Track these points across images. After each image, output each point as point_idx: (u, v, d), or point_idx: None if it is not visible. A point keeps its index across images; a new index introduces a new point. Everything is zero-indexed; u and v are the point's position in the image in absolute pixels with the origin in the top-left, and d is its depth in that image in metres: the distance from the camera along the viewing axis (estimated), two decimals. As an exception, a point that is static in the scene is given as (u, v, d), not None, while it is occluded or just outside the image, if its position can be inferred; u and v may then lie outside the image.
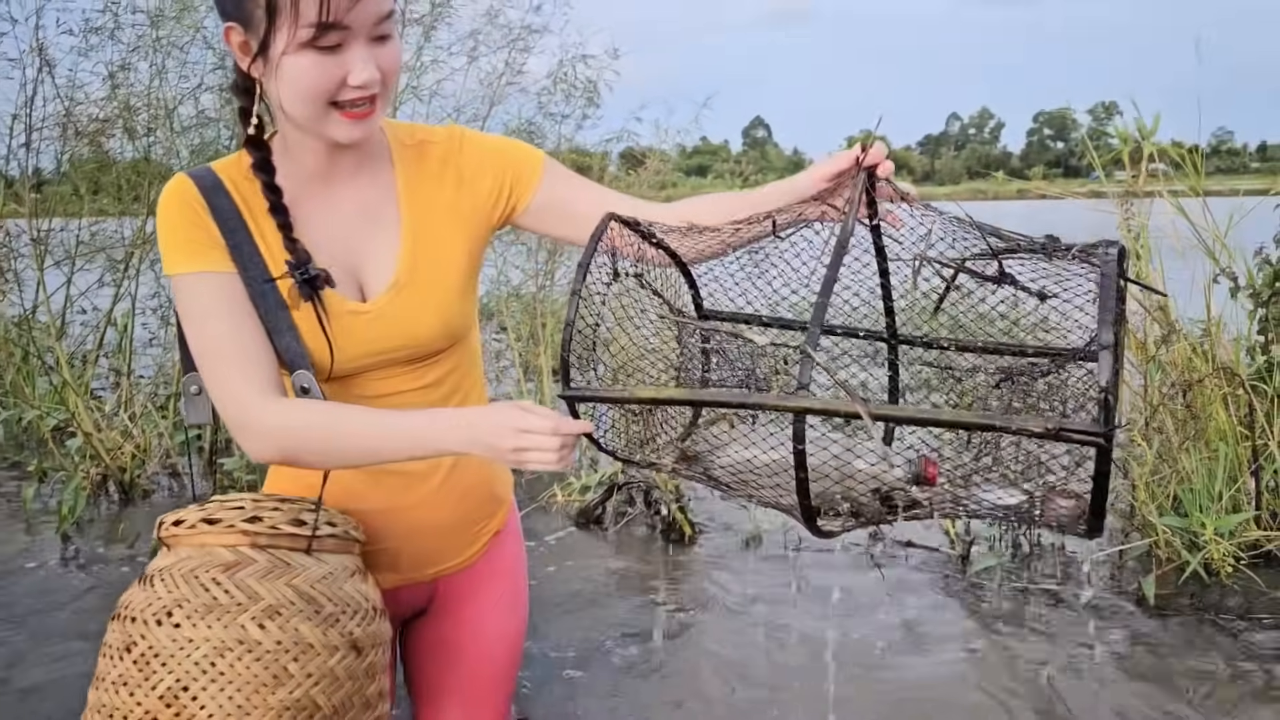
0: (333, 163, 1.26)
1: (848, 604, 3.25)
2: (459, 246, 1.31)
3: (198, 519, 1.17)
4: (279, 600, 1.13)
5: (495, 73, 5.64)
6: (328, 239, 1.26)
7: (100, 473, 4.43)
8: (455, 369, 1.36)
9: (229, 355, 1.20)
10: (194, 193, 1.23)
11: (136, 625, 1.11)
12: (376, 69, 1.14)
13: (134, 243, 5.45)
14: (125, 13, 5.12)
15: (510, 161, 1.34)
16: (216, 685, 1.08)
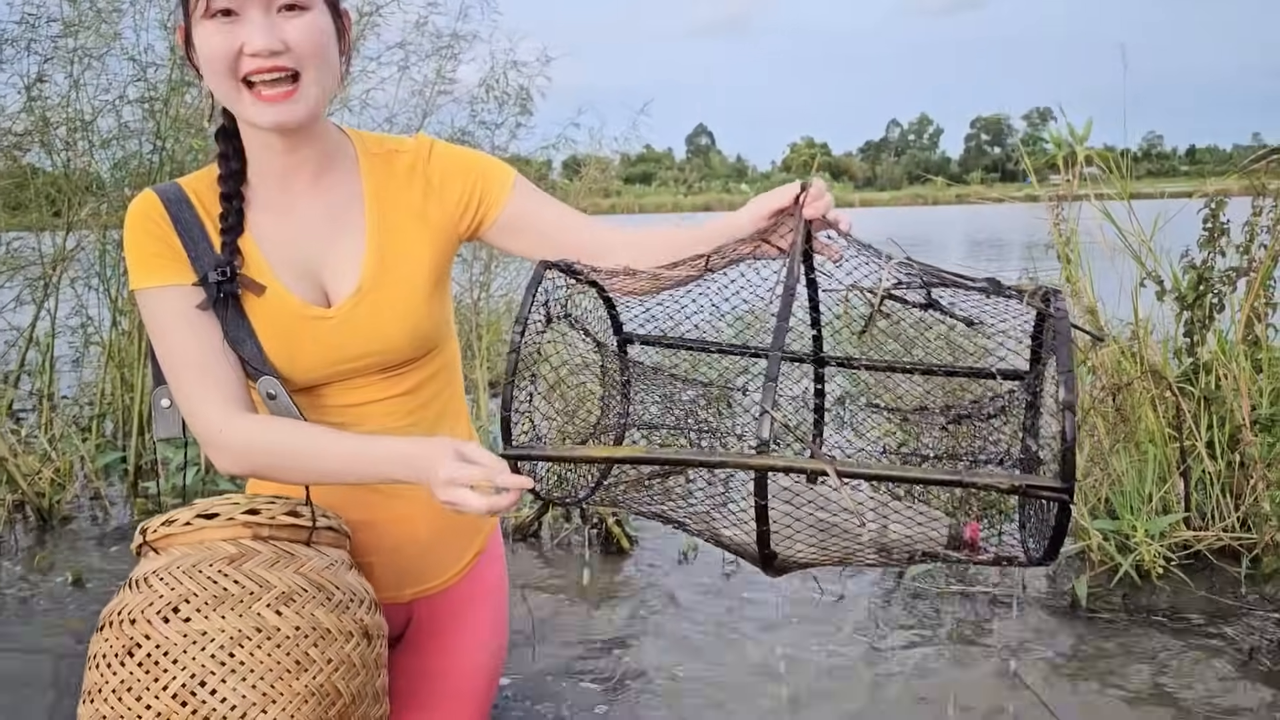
0: (290, 164, 1.24)
1: (785, 613, 3.23)
2: (425, 253, 1.29)
3: (192, 516, 1.13)
4: (291, 588, 1.11)
5: (426, 82, 5.57)
6: (291, 244, 1.25)
7: (17, 499, 4.26)
8: (432, 378, 1.34)
9: (194, 371, 1.20)
10: (158, 207, 1.22)
11: (138, 626, 1.06)
12: (278, 39, 1.12)
13: (55, 259, 5.28)
14: (41, 22, 4.97)
15: (480, 174, 1.32)
16: (237, 676, 1.04)
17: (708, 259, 1.21)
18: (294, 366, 1.24)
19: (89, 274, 5.42)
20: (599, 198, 6.81)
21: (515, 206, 1.33)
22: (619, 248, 1.31)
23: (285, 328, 1.23)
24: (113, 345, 5.27)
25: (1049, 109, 70.10)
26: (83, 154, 5.22)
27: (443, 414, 1.37)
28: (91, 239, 5.31)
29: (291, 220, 1.26)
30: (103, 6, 4.98)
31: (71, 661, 3.05)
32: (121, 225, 4.16)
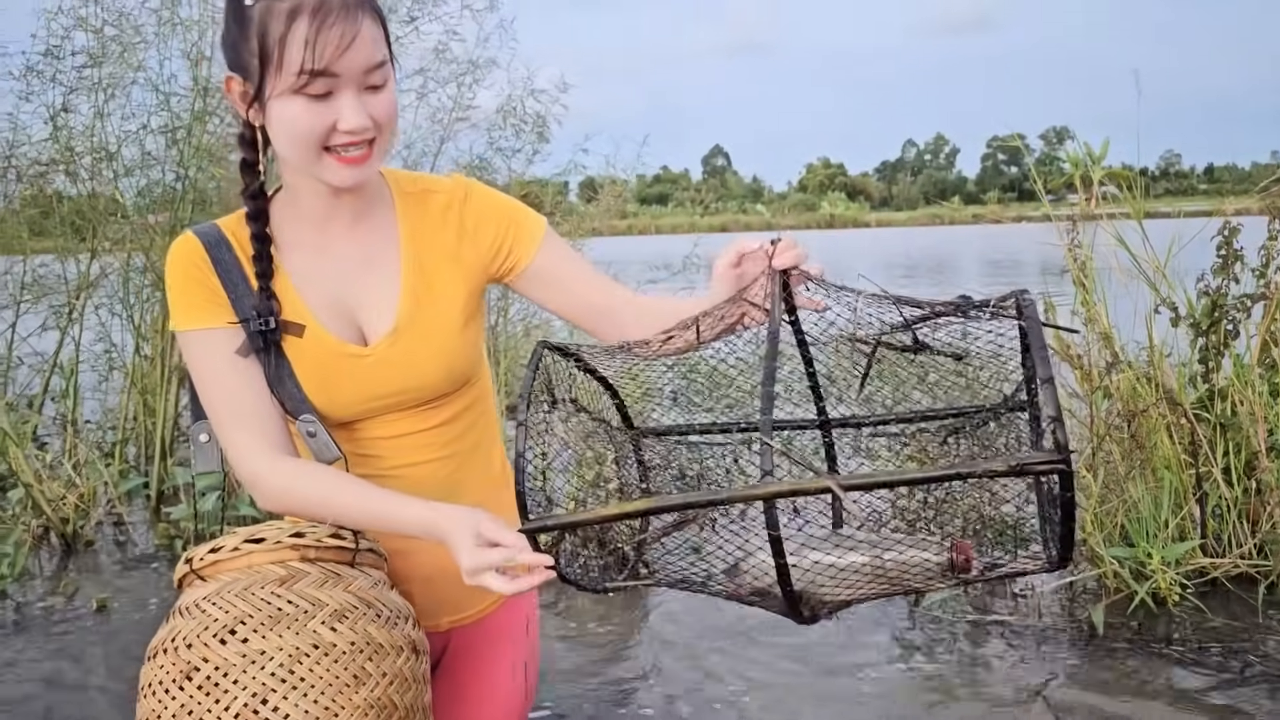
0: (334, 208, 1.28)
1: (800, 640, 3.23)
2: (459, 292, 1.32)
3: (239, 541, 1.16)
4: (343, 605, 1.13)
5: (444, 108, 5.64)
6: (327, 283, 1.29)
7: (42, 525, 4.32)
8: (467, 409, 1.37)
9: (236, 413, 1.24)
10: (199, 250, 1.26)
11: (195, 650, 1.08)
12: (368, 116, 1.16)
13: (79, 286, 5.37)
14: (66, 54, 5.07)
15: (514, 222, 1.36)
16: (299, 692, 1.06)
17: (697, 321, 1.23)
18: (332, 403, 1.28)
19: (113, 300, 5.50)
20: (615, 219, 6.86)
21: (543, 259, 1.36)
22: (629, 310, 1.35)
23: (323, 366, 1.27)
24: (135, 371, 5.35)
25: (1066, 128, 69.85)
26: (107, 182, 5.31)
27: (478, 444, 1.40)
28: (115, 265, 5.39)
29: (328, 260, 1.30)
30: (126, 38, 5.08)
31: (95, 690, 3.09)
32: (143, 251, 4.25)
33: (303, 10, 1.11)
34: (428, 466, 1.35)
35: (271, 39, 1.11)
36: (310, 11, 1.11)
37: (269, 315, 1.24)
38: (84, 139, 5.26)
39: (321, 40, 1.11)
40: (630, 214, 7.56)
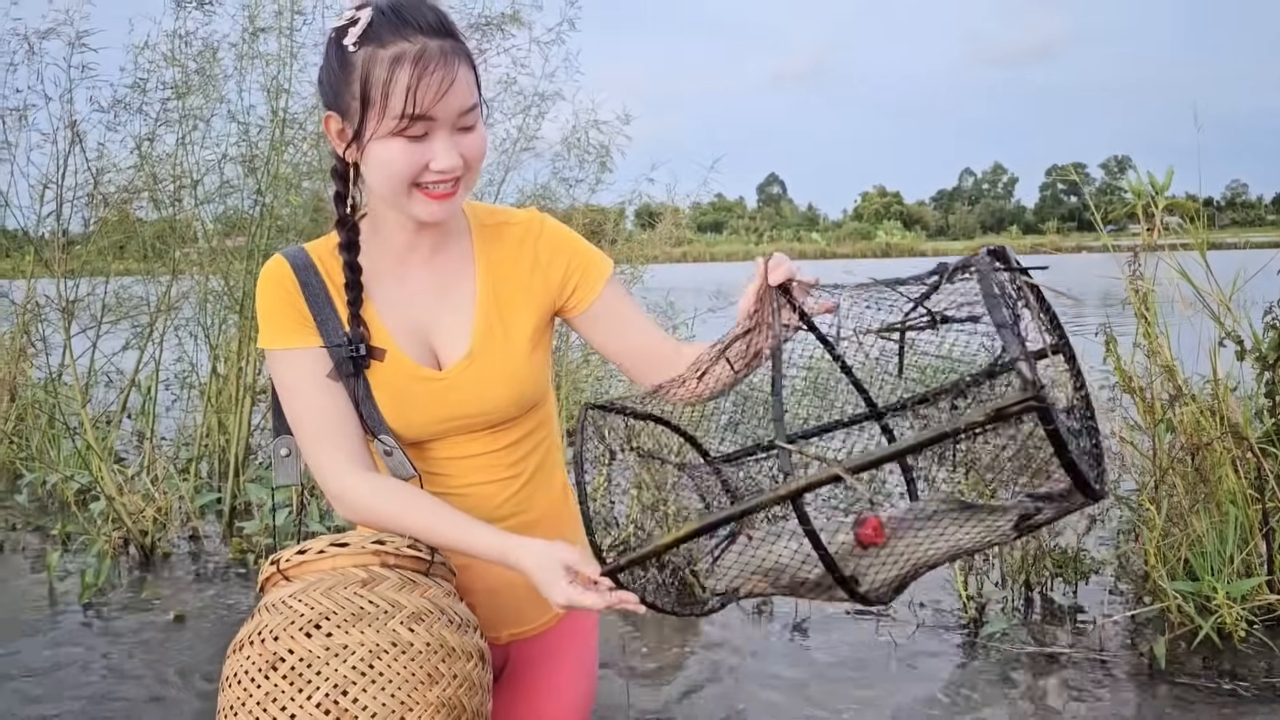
0: (417, 240, 1.36)
1: (859, 670, 3.25)
2: (529, 321, 1.39)
3: (325, 545, 1.23)
4: (420, 608, 1.19)
5: (509, 138, 5.78)
6: (407, 310, 1.36)
7: (122, 536, 4.49)
8: (532, 432, 1.43)
9: (320, 430, 1.31)
10: (288, 273, 1.33)
11: (280, 642, 1.13)
12: (459, 156, 1.24)
13: (158, 308, 5.58)
14: (151, 87, 5.30)
15: (584, 262, 1.42)
16: (377, 685, 1.11)
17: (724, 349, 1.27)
18: (407, 424, 1.34)
19: (190, 322, 5.71)
20: (670, 246, 6.94)
21: (604, 301, 1.42)
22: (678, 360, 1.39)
23: (400, 388, 1.34)
24: (210, 390, 5.54)
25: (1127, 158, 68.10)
26: (188, 209, 5.53)
27: (541, 465, 1.46)
28: (193, 287, 5.60)
29: (408, 287, 1.37)
30: (209, 71, 5.30)
31: (171, 696, 3.21)
32: (221, 275, 4.42)
33: (405, 58, 1.18)
34: (493, 485, 1.41)
35: (374, 84, 1.19)
36: (412, 60, 1.18)
37: (359, 342, 1.31)
38: (166, 166, 5.50)
39: (422, 87, 1.18)
40: (685, 241, 7.61)
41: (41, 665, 3.44)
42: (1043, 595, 3.74)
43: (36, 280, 6.44)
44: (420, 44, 1.19)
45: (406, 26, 1.19)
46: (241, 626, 1.21)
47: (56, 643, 3.65)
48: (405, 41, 1.18)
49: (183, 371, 6.05)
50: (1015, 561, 3.73)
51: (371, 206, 1.36)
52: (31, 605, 4.04)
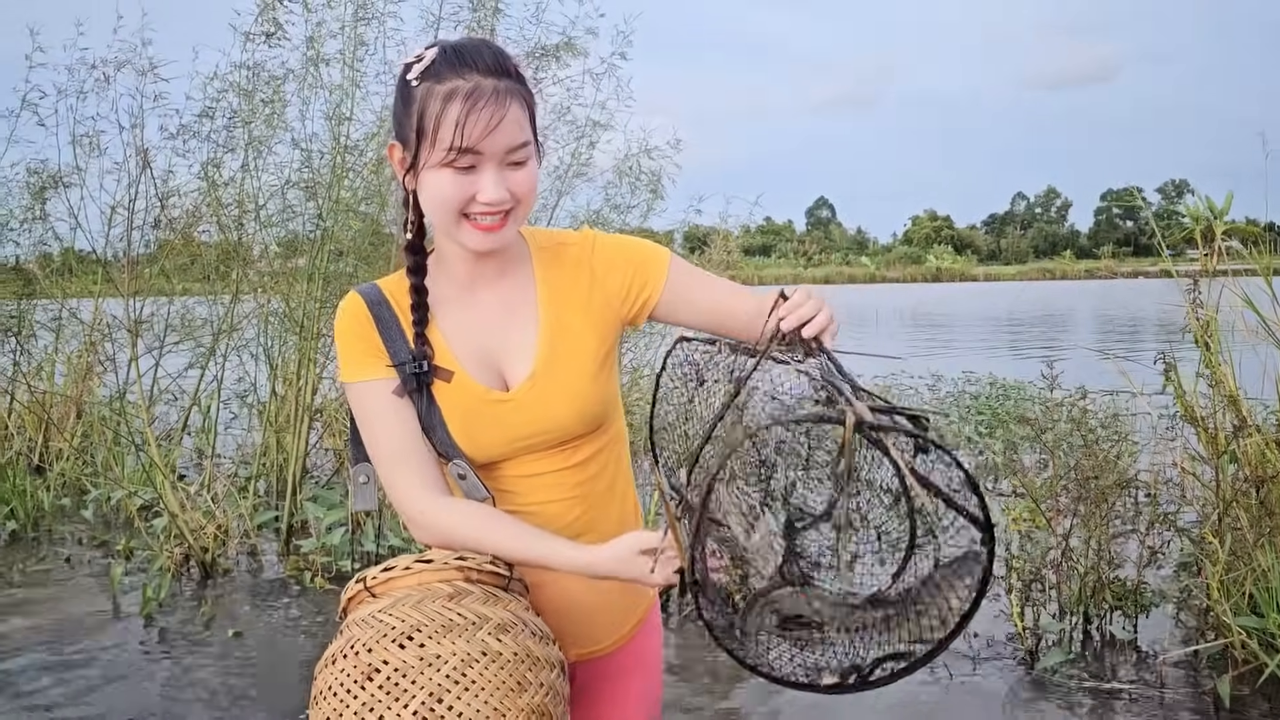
0: (479, 268, 1.41)
1: (912, 702, 3.22)
2: (591, 339, 1.42)
3: (411, 562, 1.27)
4: (505, 620, 1.23)
5: (562, 165, 5.85)
6: (473, 335, 1.41)
7: (183, 552, 4.59)
8: (600, 452, 1.47)
9: (398, 457, 1.36)
10: (362, 307, 1.40)
11: (375, 654, 1.17)
12: (506, 190, 1.29)
13: (220, 328, 5.72)
14: (218, 114, 5.46)
15: (638, 264, 1.45)
16: (470, 693, 1.14)
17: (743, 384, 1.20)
18: (476, 446, 1.38)
19: (252, 343, 5.84)
20: (719, 270, 6.98)
21: (672, 288, 1.45)
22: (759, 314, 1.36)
23: (468, 411, 1.38)
24: (269, 410, 5.65)
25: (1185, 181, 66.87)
26: (251, 234, 5.67)
27: (610, 486, 1.49)
28: (255, 309, 5.74)
29: (473, 313, 1.42)
30: (274, 100, 5.45)
31: (227, 711, 3.27)
32: (281, 296, 4.52)
33: (458, 94, 1.24)
34: (562, 504, 1.44)
35: (428, 117, 1.26)
36: (464, 96, 1.24)
37: (422, 359, 1.36)
38: (230, 191, 5.65)
39: (470, 122, 1.24)
40: (733, 264, 7.63)
41: (101, 677, 3.53)
42: (1101, 629, 3.68)
43: (104, 300, 6.65)
44: (474, 82, 1.25)
45: (464, 65, 1.26)
46: (331, 643, 1.24)
47: (117, 655, 3.74)
48: (460, 79, 1.25)
49: (243, 391, 6.18)
50: (1073, 593, 3.67)
51: (436, 239, 1.41)
52: (95, 617, 4.15)
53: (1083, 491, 3.63)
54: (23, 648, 3.83)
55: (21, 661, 3.69)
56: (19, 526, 5.49)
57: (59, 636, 3.94)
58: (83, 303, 7.02)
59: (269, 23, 5.14)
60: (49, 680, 3.51)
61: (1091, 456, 3.69)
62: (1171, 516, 3.72)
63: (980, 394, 8.29)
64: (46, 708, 3.27)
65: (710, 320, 1.46)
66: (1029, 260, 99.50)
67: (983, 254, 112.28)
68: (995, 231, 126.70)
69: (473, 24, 5.18)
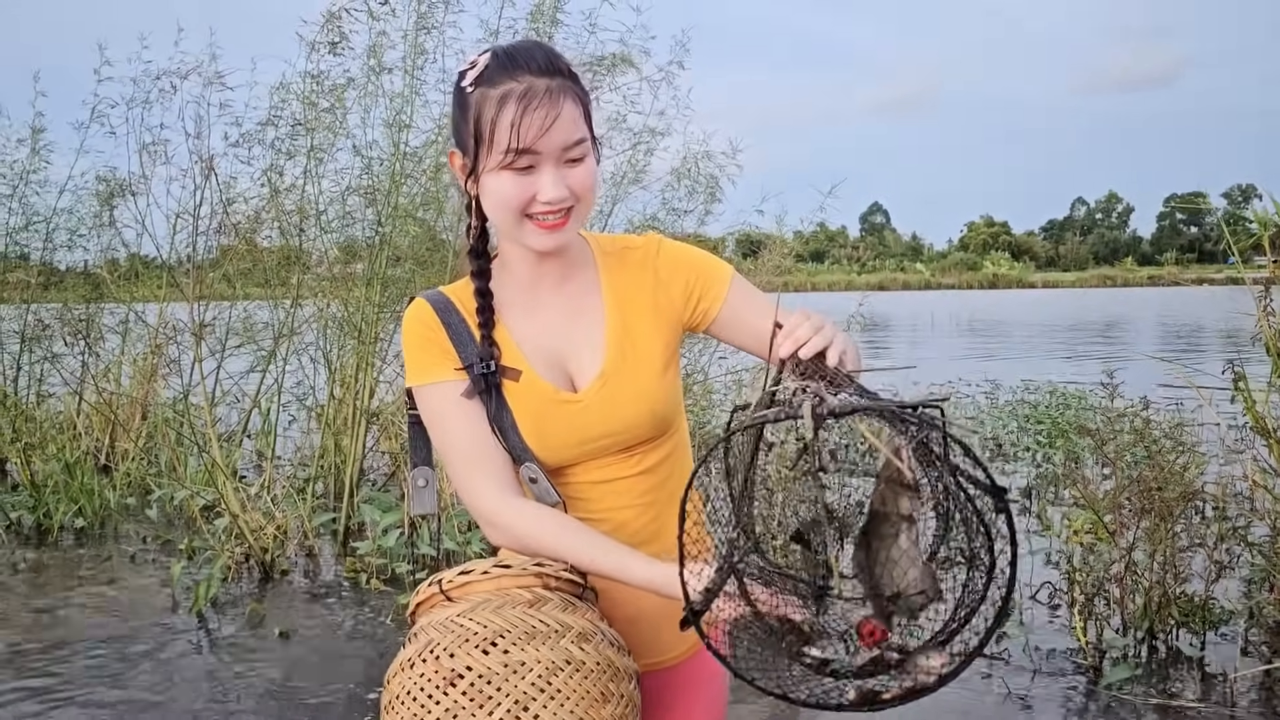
0: (541, 271, 1.42)
1: (966, 710, 3.17)
2: (657, 339, 1.43)
3: (489, 566, 1.25)
4: (586, 629, 1.20)
5: (619, 171, 5.87)
6: (540, 337, 1.41)
7: (244, 552, 4.67)
8: (666, 458, 1.46)
9: (471, 457, 1.36)
10: (430, 312, 1.40)
11: (458, 659, 1.14)
12: (566, 188, 1.29)
13: (281, 332, 5.82)
14: (281, 123, 5.57)
15: (701, 272, 1.45)
16: (555, 702, 1.11)
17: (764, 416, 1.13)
18: (547, 448, 1.38)
19: (311, 346, 5.94)
20: (772, 275, 6.94)
21: (731, 304, 1.45)
22: None
23: (539, 413, 1.38)
24: (328, 413, 5.74)
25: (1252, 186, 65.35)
26: (312, 239, 5.76)
27: (677, 492, 1.46)
28: (314, 313, 5.83)
29: (540, 316, 1.42)
30: (335, 109, 5.54)
31: (269, 709, 3.32)
32: (341, 301, 4.58)
33: (511, 96, 1.25)
34: (630, 511, 1.44)
35: (484, 122, 1.27)
36: (517, 98, 1.25)
37: (490, 359, 1.37)
38: (292, 197, 5.75)
39: (525, 123, 1.25)
40: (786, 270, 7.56)
41: (157, 672, 3.61)
42: (1167, 645, 3.59)
43: (169, 304, 6.81)
44: (527, 83, 1.25)
45: (516, 68, 1.27)
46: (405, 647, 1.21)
47: (173, 651, 3.82)
48: (513, 81, 1.26)
49: (302, 394, 6.28)
50: (1138, 608, 3.59)
51: (499, 243, 1.42)
52: (153, 613, 4.24)
53: (1147, 504, 3.55)
54: (84, 641, 3.93)
55: (81, 654, 3.79)
56: (87, 523, 5.62)
57: (119, 631, 4.04)
58: (148, 307, 7.20)
59: (334, 32, 5.23)
60: (105, 674, 3.60)
61: (1156, 468, 3.60)
62: (1241, 530, 3.62)
63: (1039, 402, 8.15)
64: (100, 703, 3.35)
65: (762, 346, 1.42)
66: (1089, 267, 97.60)
67: (1041, 260, 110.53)
68: (1054, 237, 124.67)
69: (530, 33, 5.22)
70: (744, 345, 1.48)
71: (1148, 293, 50.33)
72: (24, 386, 7.13)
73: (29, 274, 7.01)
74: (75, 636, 4.00)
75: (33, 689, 3.48)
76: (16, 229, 7.06)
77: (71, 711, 3.29)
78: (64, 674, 3.61)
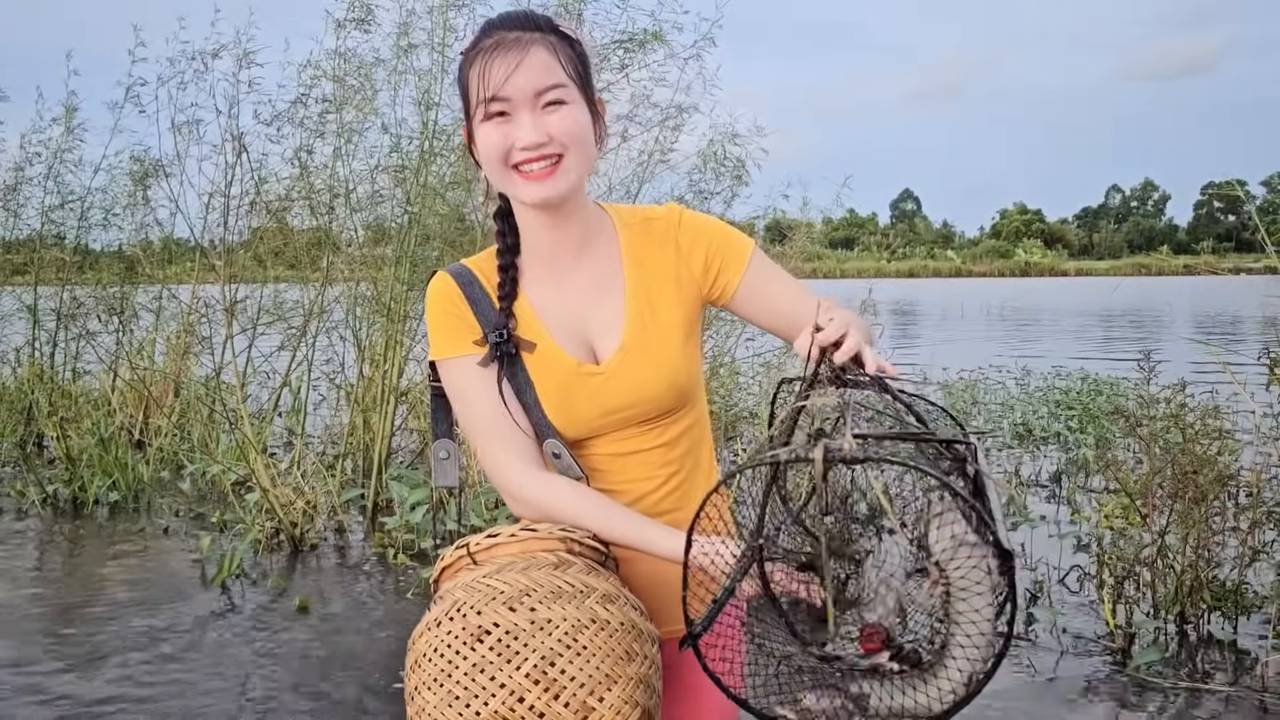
0: (559, 241, 1.41)
1: (996, 698, 3.15)
2: (678, 309, 1.43)
3: (516, 529, 1.27)
4: (610, 591, 1.22)
5: (646, 151, 5.84)
6: (562, 309, 1.42)
7: (274, 526, 4.73)
8: (686, 432, 1.47)
9: (493, 431, 1.37)
10: (453, 286, 1.41)
11: (485, 616, 1.16)
12: (544, 133, 1.29)
13: (311, 311, 5.87)
14: (311, 101, 5.59)
15: (722, 243, 1.45)
16: (582, 658, 1.13)
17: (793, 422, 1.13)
18: (569, 421, 1.39)
19: (341, 325, 5.98)
20: (801, 261, 6.90)
21: (751, 281, 1.44)
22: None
23: (562, 384, 1.38)
24: (357, 391, 5.78)
25: (1292, 174, 63.89)
26: (341, 219, 5.80)
27: (696, 467, 1.49)
28: (343, 293, 5.87)
29: (561, 289, 1.42)
30: (365, 88, 5.56)
31: (280, 678, 3.36)
32: (370, 281, 4.60)
33: (481, 50, 1.30)
34: (650, 482, 1.44)
35: (465, 81, 1.32)
36: (486, 50, 1.29)
37: (504, 328, 1.37)
38: (322, 176, 5.78)
39: (490, 70, 1.28)
40: (815, 256, 7.51)
41: (186, 642, 3.66)
42: (1198, 629, 3.55)
43: (201, 284, 6.88)
44: (497, 37, 1.29)
45: (492, 28, 1.31)
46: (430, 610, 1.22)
47: (190, 622, 3.88)
48: (487, 39, 1.30)
49: (331, 372, 6.33)
50: (1169, 592, 3.55)
51: (517, 215, 1.41)
52: (182, 585, 4.30)
53: (1180, 488, 3.50)
54: (114, 611, 3.99)
55: (113, 625, 3.85)
56: (120, 497, 5.70)
57: (148, 601, 4.10)
58: (181, 286, 7.28)
59: (361, 9, 5.24)
60: (131, 645, 3.65)
61: (1190, 452, 3.55)
62: (1277, 515, 3.57)
63: (1070, 389, 8.07)
64: (129, 677, 3.39)
65: (783, 324, 1.44)
66: (1123, 255, 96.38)
67: (1074, 249, 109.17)
68: (1088, 226, 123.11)
69: (560, 11, 5.20)
70: (762, 323, 1.47)
71: (1183, 281, 49.61)
72: (60, 363, 7.25)
73: (64, 253, 7.10)
74: (106, 606, 4.06)
75: (64, 656, 3.55)
76: (52, 207, 7.15)
77: (98, 682, 3.34)
78: (93, 643, 3.67)
